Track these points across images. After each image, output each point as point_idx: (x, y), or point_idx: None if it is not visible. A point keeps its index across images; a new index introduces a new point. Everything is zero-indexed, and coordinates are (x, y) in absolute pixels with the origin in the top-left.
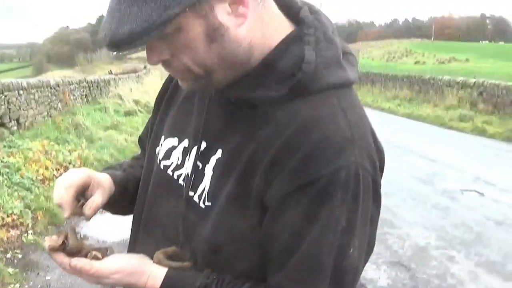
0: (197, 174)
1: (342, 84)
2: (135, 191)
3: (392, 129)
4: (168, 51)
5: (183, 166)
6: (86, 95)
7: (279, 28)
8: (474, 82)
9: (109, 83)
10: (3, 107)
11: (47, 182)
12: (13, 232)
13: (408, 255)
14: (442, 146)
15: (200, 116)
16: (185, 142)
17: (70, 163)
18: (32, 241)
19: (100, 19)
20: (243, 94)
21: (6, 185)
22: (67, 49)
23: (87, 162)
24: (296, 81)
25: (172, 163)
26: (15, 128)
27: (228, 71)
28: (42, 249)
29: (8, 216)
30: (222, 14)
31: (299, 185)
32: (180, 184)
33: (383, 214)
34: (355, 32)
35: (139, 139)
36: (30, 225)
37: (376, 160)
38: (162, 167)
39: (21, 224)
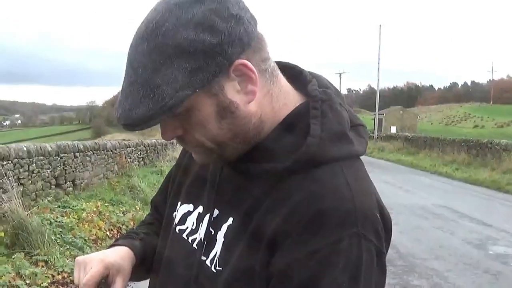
0: (209, 240)
1: (347, 156)
2: (153, 258)
3: (449, 193)
4: (181, 128)
5: (197, 231)
6: (143, 157)
7: (288, 101)
8: None
9: (166, 147)
10: (59, 168)
11: (99, 242)
12: None
13: None
14: (498, 210)
15: (213, 185)
16: (200, 209)
17: (123, 224)
18: None
19: None
20: (252, 166)
21: (58, 244)
22: None
23: None
24: (301, 154)
25: (187, 227)
26: (70, 189)
27: (239, 144)
28: None
29: (58, 274)
30: (232, 92)
31: (301, 254)
32: (195, 248)
33: (433, 279)
34: (414, 96)
35: (151, 201)
36: None
37: (380, 230)
38: (177, 231)
39: (71, 282)
